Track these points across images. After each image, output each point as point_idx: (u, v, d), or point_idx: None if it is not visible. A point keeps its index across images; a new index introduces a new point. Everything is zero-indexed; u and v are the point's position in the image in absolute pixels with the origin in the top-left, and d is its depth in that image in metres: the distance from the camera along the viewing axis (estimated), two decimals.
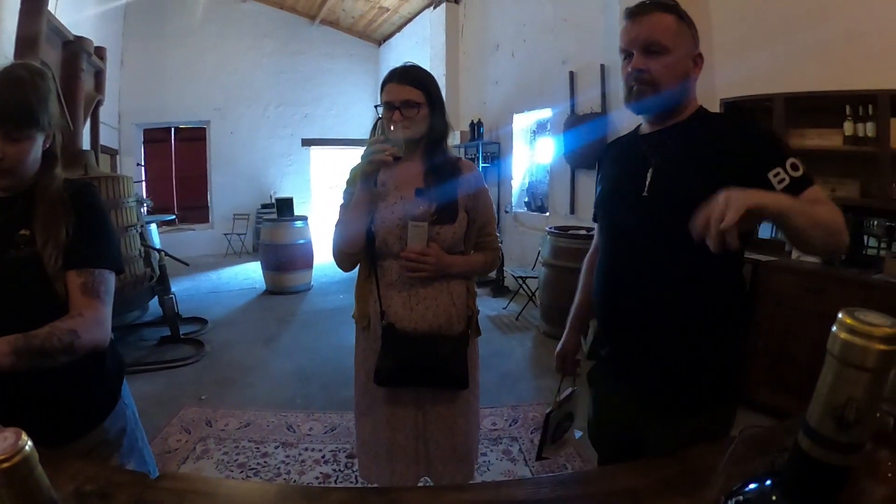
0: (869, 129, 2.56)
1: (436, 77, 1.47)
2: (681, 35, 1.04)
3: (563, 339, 1.41)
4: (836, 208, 0.95)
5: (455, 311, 1.40)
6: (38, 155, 1.03)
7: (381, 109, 1.39)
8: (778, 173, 0.98)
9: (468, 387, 1.40)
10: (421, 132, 1.37)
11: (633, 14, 1.08)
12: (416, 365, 1.33)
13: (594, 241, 1.41)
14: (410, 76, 1.36)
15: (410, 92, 1.34)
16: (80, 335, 0.96)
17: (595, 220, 1.29)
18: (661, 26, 1.03)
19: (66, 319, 0.97)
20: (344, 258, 1.41)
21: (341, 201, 1.46)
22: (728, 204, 0.79)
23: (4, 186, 1.02)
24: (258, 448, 2.55)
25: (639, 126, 1.21)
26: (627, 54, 1.09)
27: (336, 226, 1.42)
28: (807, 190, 0.98)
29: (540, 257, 4.51)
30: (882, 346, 0.34)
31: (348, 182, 1.45)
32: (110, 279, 1.07)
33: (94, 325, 1.00)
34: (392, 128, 1.33)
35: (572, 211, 4.85)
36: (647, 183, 1.06)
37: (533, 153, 5.94)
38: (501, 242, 5.76)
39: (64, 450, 1.01)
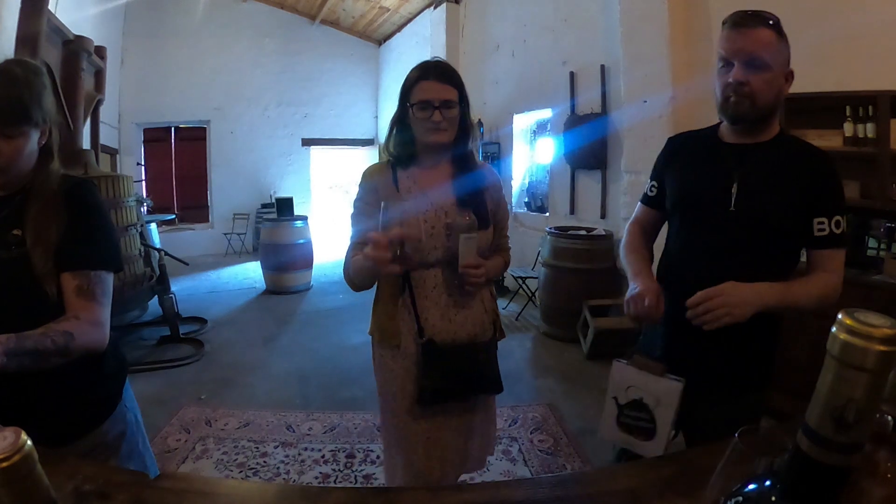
0: (869, 129, 2.56)
1: None
2: (780, 52, 1.08)
3: (644, 283, 1.18)
4: (840, 278, 1.11)
5: (486, 316, 1.39)
6: (33, 152, 1.02)
7: (412, 109, 1.26)
8: (822, 223, 1.10)
9: (503, 390, 1.39)
10: (455, 135, 1.30)
11: (737, 24, 1.08)
12: (459, 377, 1.29)
13: (637, 215, 1.40)
14: (449, 74, 1.27)
15: (450, 91, 1.25)
16: (76, 337, 0.94)
17: (648, 203, 1.36)
18: (765, 41, 1.06)
19: (61, 321, 0.95)
20: (358, 290, 1.32)
21: (352, 210, 1.36)
22: (732, 306, 0.98)
23: (0, 184, 1.01)
24: (257, 448, 2.54)
25: (717, 128, 1.24)
26: (727, 63, 1.10)
27: (350, 248, 1.30)
28: (834, 250, 1.11)
29: (540, 258, 4.51)
30: (881, 347, 0.34)
31: (363, 185, 1.34)
32: (107, 280, 1.05)
33: (90, 328, 0.98)
34: (428, 129, 1.23)
35: (572, 211, 4.85)
36: (734, 198, 1.13)
37: (533, 153, 5.94)
38: None
39: (59, 452, 0.97)
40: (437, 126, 1.24)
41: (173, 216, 7.75)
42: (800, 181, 1.10)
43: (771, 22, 1.07)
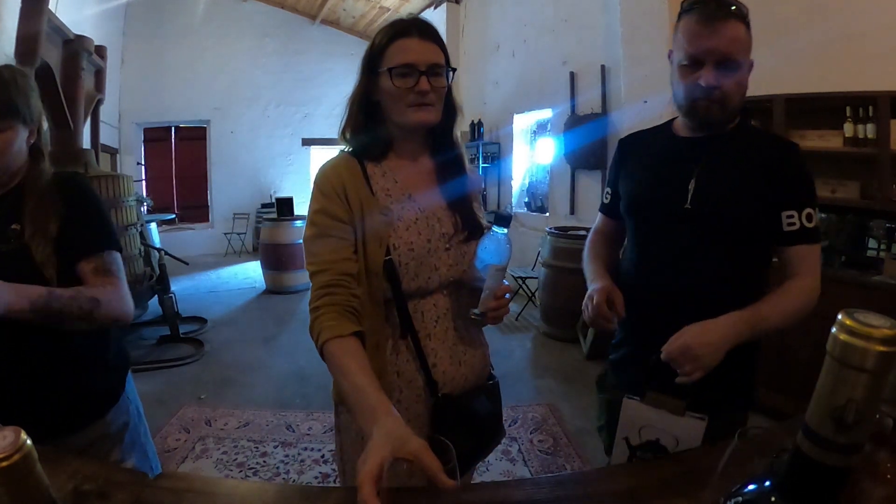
0: (869, 130, 2.56)
1: None
2: (748, 47, 0.97)
3: (597, 284, 1.08)
4: (817, 278, 1.01)
5: (484, 349, 1.12)
6: (21, 148, 1.05)
7: (390, 75, 0.91)
8: (792, 217, 1.00)
9: (506, 434, 1.18)
10: (441, 113, 0.97)
11: (708, 18, 0.94)
12: (475, 435, 1.00)
13: (597, 225, 1.31)
14: (433, 32, 0.95)
15: (437, 53, 0.93)
16: (102, 305, 1.00)
17: (605, 211, 1.26)
18: (737, 39, 0.94)
19: (91, 287, 1.01)
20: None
21: (310, 231, 0.95)
22: (699, 358, 0.88)
23: None
24: (257, 447, 2.54)
25: (671, 123, 1.15)
26: (695, 62, 0.97)
27: (316, 292, 0.91)
28: (807, 246, 1.01)
29: (540, 258, 4.51)
30: (881, 348, 0.34)
31: (325, 191, 0.95)
32: (118, 257, 1.10)
33: (116, 298, 1.04)
34: (410, 104, 0.91)
35: (572, 211, 4.85)
36: (690, 194, 1.03)
37: (533, 153, 5.94)
38: None
39: (64, 442, 1.01)
40: (424, 98, 0.91)
41: (173, 216, 7.75)
42: (764, 172, 1.01)
43: (742, 12, 0.95)
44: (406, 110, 0.93)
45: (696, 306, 0.99)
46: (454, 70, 0.98)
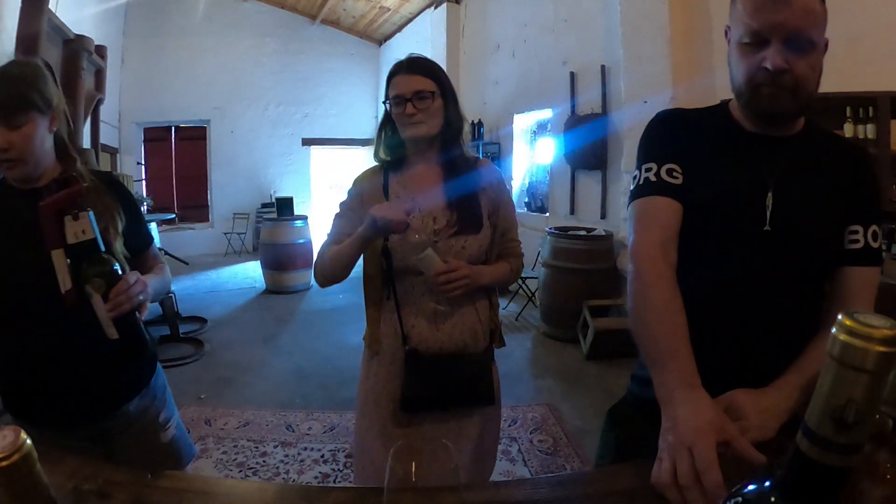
0: (869, 130, 2.56)
1: None
2: (824, 22, 0.81)
3: (688, 410, 0.68)
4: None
5: (480, 326, 1.30)
6: (44, 139, 1.06)
7: (389, 106, 1.25)
8: (856, 233, 0.86)
9: (494, 403, 1.32)
10: (437, 128, 1.24)
11: None
12: (444, 388, 1.23)
13: (656, 222, 0.89)
14: (419, 65, 1.24)
15: (422, 81, 1.21)
16: (169, 283, 1.29)
17: (670, 193, 0.89)
18: (811, 10, 0.78)
19: (161, 267, 1.26)
20: (327, 283, 1.29)
21: (337, 210, 1.33)
22: (751, 428, 0.69)
23: (21, 178, 1.05)
24: (257, 447, 2.54)
25: (726, 106, 0.94)
26: (759, 41, 0.79)
27: (326, 245, 1.29)
28: (870, 269, 0.86)
29: (540, 258, 4.51)
30: (881, 348, 0.34)
31: (350, 191, 1.32)
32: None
33: (169, 276, 1.30)
34: (405, 124, 1.21)
35: (572, 212, 4.86)
36: (769, 213, 0.85)
37: (533, 153, 5.94)
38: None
39: (126, 410, 1.17)
40: (411, 119, 1.20)
41: (173, 216, 7.74)
42: (836, 184, 0.87)
43: None
44: (405, 128, 1.23)
45: (763, 342, 0.86)
46: (452, 96, 1.25)
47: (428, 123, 1.21)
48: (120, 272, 1.02)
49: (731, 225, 0.87)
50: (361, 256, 1.24)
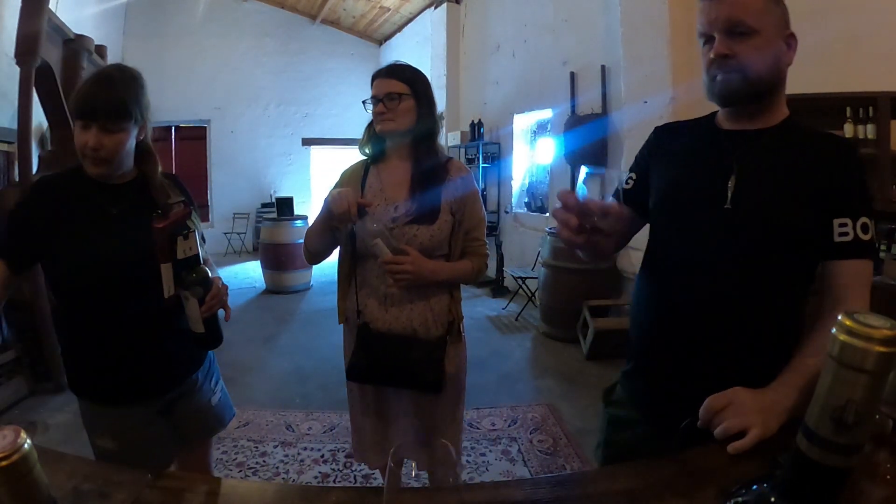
0: (869, 130, 2.56)
1: (436, 77, 1.50)
2: (768, 12, 0.89)
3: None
4: (867, 307, 0.85)
5: (432, 315, 1.39)
6: (132, 146, 1.17)
7: (368, 106, 1.41)
8: (845, 225, 0.88)
9: (440, 392, 1.37)
10: (406, 125, 1.36)
11: None
12: (387, 365, 1.36)
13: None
14: (395, 70, 1.39)
15: (394, 84, 1.36)
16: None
17: (623, 199, 1.05)
18: (746, 2, 0.88)
19: (212, 265, 1.37)
20: (309, 257, 1.51)
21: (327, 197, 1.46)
22: (756, 424, 0.72)
23: (102, 174, 1.16)
24: (257, 447, 2.54)
25: (714, 115, 1.04)
26: (707, 38, 0.92)
27: (309, 229, 1.46)
28: (860, 261, 0.89)
29: (540, 258, 4.51)
30: (881, 349, 0.34)
31: (338, 182, 1.46)
32: None
33: None
34: (377, 120, 1.37)
35: None
36: (730, 193, 0.92)
37: (533, 153, 5.94)
38: (501, 244, 5.76)
39: (196, 377, 1.36)
40: (382, 116, 1.35)
41: None
42: (815, 174, 0.90)
43: None
44: (377, 124, 1.39)
45: (727, 319, 0.92)
46: (426, 99, 1.39)
47: (396, 121, 1.35)
48: (210, 277, 1.18)
49: (694, 205, 0.96)
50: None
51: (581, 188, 0.93)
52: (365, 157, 1.49)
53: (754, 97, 0.93)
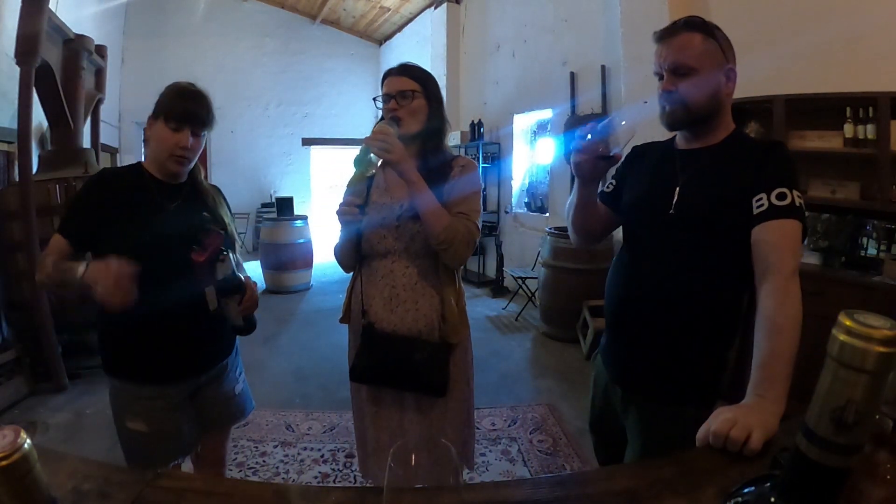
0: (869, 131, 2.56)
1: (436, 77, 1.46)
2: (707, 53, 1.06)
3: None
4: (789, 279, 0.93)
5: (435, 315, 1.38)
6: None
7: (379, 103, 1.41)
8: (760, 199, 1.00)
9: (444, 395, 1.35)
10: (418, 126, 1.36)
11: (661, 37, 1.11)
12: (391, 367, 1.33)
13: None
14: (407, 69, 1.40)
15: (406, 82, 1.36)
16: None
17: (602, 199, 1.31)
18: (686, 46, 1.06)
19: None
20: (342, 265, 1.49)
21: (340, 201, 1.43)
22: (751, 438, 0.77)
23: (178, 173, 1.35)
24: (257, 447, 2.54)
25: (674, 137, 1.23)
26: (661, 76, 1.12)
27: (335, 246, 1.46)
28: (775, 221, 0.97)
29: (540, 258, 4.51)
30: (881, 349, 0.34)
31: (349, 184, 1.42)
32: None
33: None
34: (388, 118, 1.36)
35: None
36: (675, 201, 1.10)
37: (533, 154, 5.94)
38: (501, 245, 5.76)
39: (226, 362, 1.48)
40: (395, 113, 1.35)
41: None
42: (744, 175, 1.04)
43: (694, 23, 1.07)
44: (388, 123, 1.36)
45: (672, 305, 1.09)
46: (437, 100, 1.40)
47: (406, 121, 1.35)
48: (244, 284, 1.31)
49: (648, 212, 1.16)
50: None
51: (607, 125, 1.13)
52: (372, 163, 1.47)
53: (695, 122, 1.11)
